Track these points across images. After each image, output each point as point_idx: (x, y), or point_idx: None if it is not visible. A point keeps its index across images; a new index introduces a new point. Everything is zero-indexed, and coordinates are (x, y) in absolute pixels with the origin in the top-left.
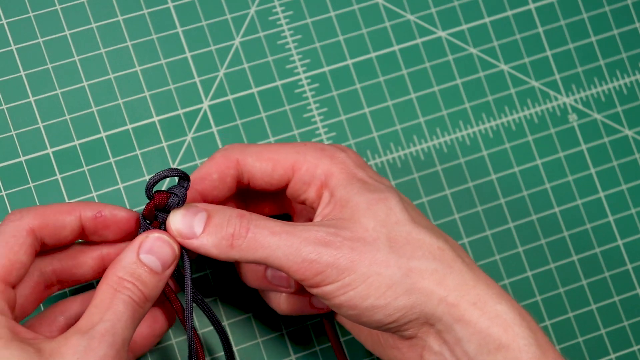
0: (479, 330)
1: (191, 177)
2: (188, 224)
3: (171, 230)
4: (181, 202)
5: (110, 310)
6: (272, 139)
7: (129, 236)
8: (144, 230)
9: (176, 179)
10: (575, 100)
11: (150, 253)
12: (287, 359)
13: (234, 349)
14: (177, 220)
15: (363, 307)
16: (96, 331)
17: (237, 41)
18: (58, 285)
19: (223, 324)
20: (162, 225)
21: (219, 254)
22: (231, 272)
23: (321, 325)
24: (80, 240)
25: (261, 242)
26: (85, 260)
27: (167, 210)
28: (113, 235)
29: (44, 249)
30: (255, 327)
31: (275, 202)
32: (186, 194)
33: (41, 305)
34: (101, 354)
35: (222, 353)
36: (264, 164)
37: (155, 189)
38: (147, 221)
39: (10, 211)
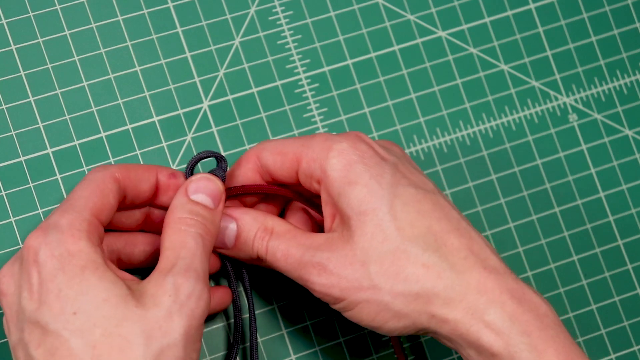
0: (471, 341)
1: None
2: (219, 239)
3: None
4: None
5: (183, 248)
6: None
7: None
8: None
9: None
10: (576, 100)
11: (199, 192)
12: (287, 359)
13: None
14: None
15: (362, 324)
16: (178, 269)
17: (237, 41)
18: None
19: (223, 324)
20: None
21: (247, 262)
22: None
23: (321, 325)
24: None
25: (275, 264)
26: (139, 239)
27: None
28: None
29: (122, 205)
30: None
31: None
32: (225, 175)
33: None
34: (190, 289)
35: (224, 352)
36: (276, 157)
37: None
38: None
39: (9, 211)
